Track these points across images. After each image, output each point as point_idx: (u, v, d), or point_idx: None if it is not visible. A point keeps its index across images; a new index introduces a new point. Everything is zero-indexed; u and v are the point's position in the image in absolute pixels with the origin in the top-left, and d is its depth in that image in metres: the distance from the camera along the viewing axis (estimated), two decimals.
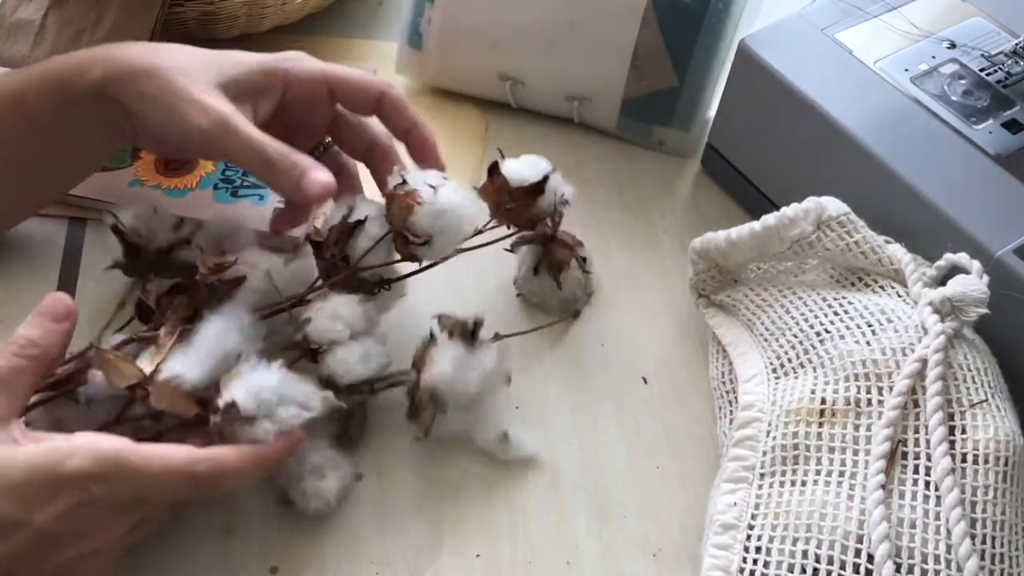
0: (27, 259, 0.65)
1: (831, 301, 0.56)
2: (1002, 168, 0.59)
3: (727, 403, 0.59)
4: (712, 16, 0.70)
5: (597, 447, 0.59)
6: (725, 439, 0.57)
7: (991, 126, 0.62)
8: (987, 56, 0.66)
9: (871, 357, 0.52)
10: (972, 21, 0.69)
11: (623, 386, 0.62)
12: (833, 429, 0.51)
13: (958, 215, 0.57)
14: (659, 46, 0.71)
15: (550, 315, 0.65)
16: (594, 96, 0.75)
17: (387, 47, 0.82)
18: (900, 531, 0.47)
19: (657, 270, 0.69)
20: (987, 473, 0.48)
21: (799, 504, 0.49)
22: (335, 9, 0.85)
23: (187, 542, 0.52)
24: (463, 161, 0.75)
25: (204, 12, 0.77)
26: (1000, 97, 0.64)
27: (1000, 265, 0.55)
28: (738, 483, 0.52)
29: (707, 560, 0.50)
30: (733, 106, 0.70)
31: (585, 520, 0.56)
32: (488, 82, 0.76)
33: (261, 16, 0.79)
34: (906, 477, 0.48)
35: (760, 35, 0.67)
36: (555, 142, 0.76)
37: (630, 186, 0.74)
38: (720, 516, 0.51)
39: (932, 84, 0.64)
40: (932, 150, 0.61)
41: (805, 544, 0.48)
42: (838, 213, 0.57)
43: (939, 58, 0.66)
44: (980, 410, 0.50)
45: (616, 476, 0.58)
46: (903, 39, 0.67)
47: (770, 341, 0.57)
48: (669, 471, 0.58)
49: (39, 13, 0.74)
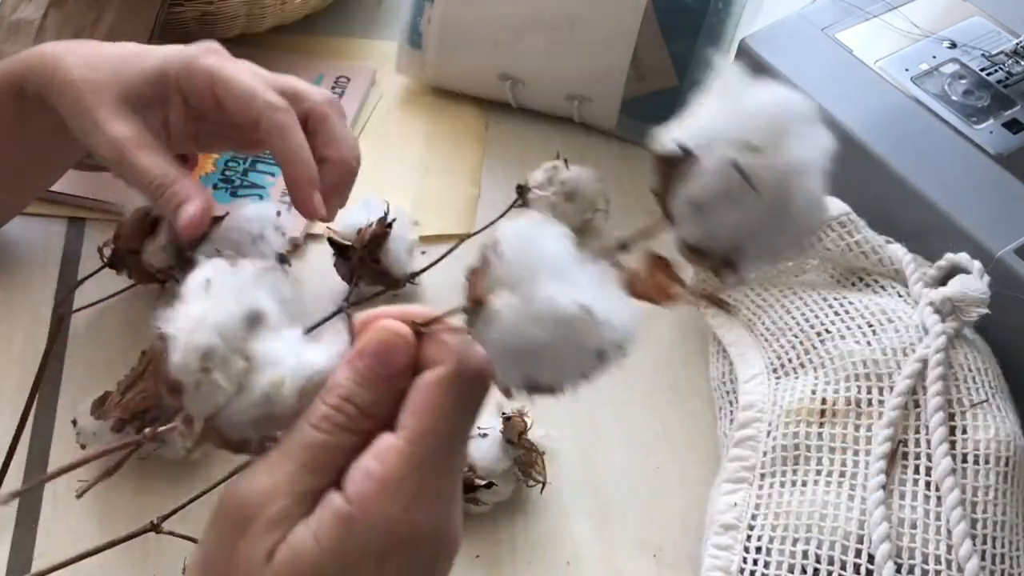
0: (27, 259, 0.64)
1: (832, 301, 0.56)
2: (1003, 168, 0.59)
3: (727, 403, 0.59)
4: (712, 16, 0.69)
5: (597, 447, 0.59)
6: (725, 439, 0.57)
7: (992, 126, 0.62)
8: (988, 56, 0.66)
9: (872, 357, 0.52)
10: (973, 21, 0.69)
11: (623, 386, 0.62)
12: (834, 429, 0.51)
13: (959, 215, 0.57)
14: (659, 46, 0.71)
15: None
16: (594, 96, 0.75)
17: (387, 47, 0.82)
18: (901, 531, 0.47)
19: None
20: (988, 473, 0.48)
21: (799, 504, 0.49)
22: (335, 9, 0.85)
23: None
24: (463, 161, 0.75)
25: (204, 12, 0.77)
26: (1001, 97, 0.64)
27: (1001, 265, 0.55)
28: (738, 483, 0.52)
29: (707, 560, 0.50)
30: None
31: (585, 520, 0.56)
32: (488, 82, 0.76)
33: (261, 16, 0.79)
34: (907, 477, 0.48)
35: (760, 35, 0.67)
36: (555, 142, 0.76)
37: (630, 186, 0.74)
38: (720, 516, 0.51)
39: (933, 84, 0.64)
40: (933, 150, 0.60)
41: (805, 544, 0.48)
42: (839, 213, 0.57)
43: (940, 58, 0.66)
44: (981, 410, 0.50)
45: (616, 476, 0.58)
46: (904, 39, 0.67)
47: (771, 341, 0.56)
48: (669, 471, 0.58)
49: (39, 12, 0.74)
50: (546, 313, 0.29)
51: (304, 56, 0.82)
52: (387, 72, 0.81)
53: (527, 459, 0.54)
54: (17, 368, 0.59)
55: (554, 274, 0.30)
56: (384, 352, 0.31)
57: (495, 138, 0.77)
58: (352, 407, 0.31)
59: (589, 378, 0.31)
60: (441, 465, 0.31)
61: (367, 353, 0.31)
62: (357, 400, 0.31)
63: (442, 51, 0.76)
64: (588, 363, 0.30)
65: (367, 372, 0.31)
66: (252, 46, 0.82)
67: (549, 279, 0.30)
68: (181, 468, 0.56)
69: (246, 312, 0.31)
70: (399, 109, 0.79)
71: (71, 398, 0.58)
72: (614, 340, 0.31)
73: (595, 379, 0.31)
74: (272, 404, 0.31)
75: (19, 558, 0.52)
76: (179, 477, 0.55)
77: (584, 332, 0.30)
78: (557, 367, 0.30)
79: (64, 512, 0.54)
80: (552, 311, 0.29)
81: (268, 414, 0.31)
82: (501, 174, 0.74)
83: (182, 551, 0.51)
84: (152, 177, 0.52)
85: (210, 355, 0.30)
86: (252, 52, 0.84)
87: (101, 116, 0.52)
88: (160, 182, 0.52)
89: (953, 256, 0.55)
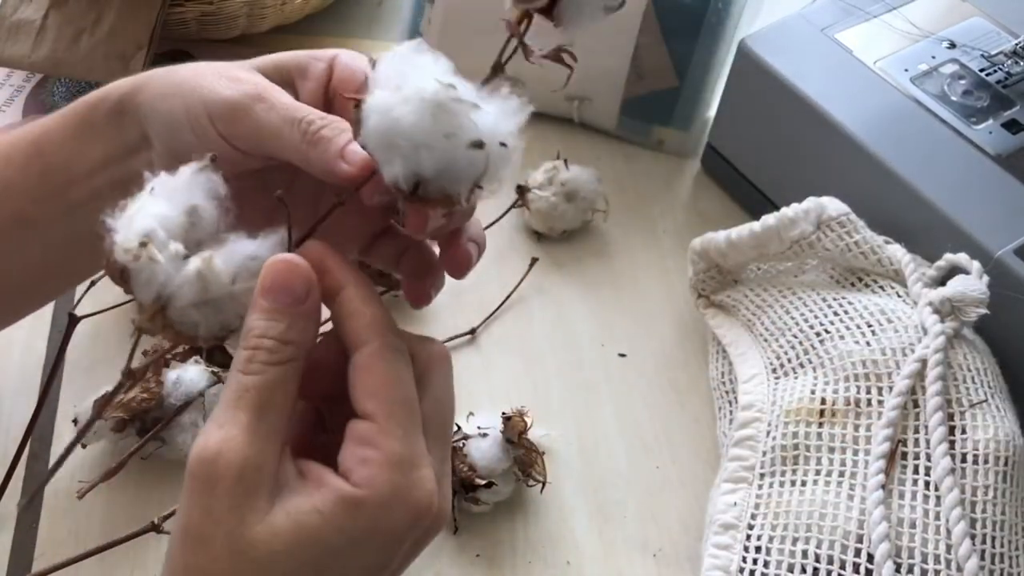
0: None
1: (831, 301, 0.56)
2: (1002, 168, 0.59)
3: (727, 403, 0.59)
4: (712, 16, 0.70)
5: (597, 447, 0.59)
6: (725, 439, 0.57)
7: (991, 126, 0.62)
8: (987, 56, 0.66)
9: (871, 357, 0.52)
10: (972, 21, 0.69)
11: (623, 386, 0.62)
12: (833, 429, 0.51)
13: (958, 215, 0.57)
14: (659, 46, 0.71)
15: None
16: (594, 96, 0.75)
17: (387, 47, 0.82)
18: (900, 531, 0.47)
19: (657, 270, 0.69)
20: (987, 473, 0.48)
21: (799, 504, 0.49)
22: (335, 9, 0.85)
23: None
24: None
25: (204, 12, 0.77)
26: (1000, 97, 0.64)
27: (1000, 265, 0.55)
28: (738, 483, 0.52)
29: (707, 560, 0.50)
30: (733, 106, 0.70)
31: (585, 520, 0.56)
32: None
33: (261, 16, 0.79)
34: (906, 477, 0.48)
35: (760, 35, 0.67)
36: (555, 142, 0.76)
37: (630, 186, 0.74)
38: (720, 516, 0.51)
39: (932, 84, 0.64)
40: (932, 150, 0.60)
41: (805, 544, 0.48)
42: (838, 213, 0.57)
43: (939, 58, 0.66)
44: (980, 410, 0.50)
45: (616, 476, 0.58)
46: (903, 39, 0.67)
47: (770, 341, 0.57)
48: (669, 471, 0.58)
49: (39, 13, 0.74)
50: (412, 93, 0.31)
51: None
52: None
53: (527, 459, 0.55)
54: (18, 368, 0.60)
55: (426, 74, 0.32)
56: (281, 284, 0.33)
57: None
58: (269, 340, 0.33)
59: (476, 179, 0.32)
60: (416, 430, 0.34)
61: (267, 290, 0.33)
62: (271, 332, 0.33)
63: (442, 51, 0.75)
64: (468, 156, 0.32)
65: (272, 306, 0.33)
66: (252, 46, 0.82)
67: (420, 78, 0.32)
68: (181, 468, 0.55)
69: (183, 205, 0.33)
70: None
71: (71, 398, 0.58)
72: (491, 130, 0.32)
73: (489, 187, 0.33)
74: (207, 283, 0.33)
75: (19, 558, 0.53)
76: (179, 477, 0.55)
77: (452, 111, 0.32)
78: (434, 155, 0.32)
79: (64, 512, 0.54)
80: (417, 91, 0.31)
81: (207, 298, 0.33)
82: None
83: None
84: (307, 111, 0.39)
85: (149, 235, 0.32)
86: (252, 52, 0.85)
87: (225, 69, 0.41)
88: (320, 119, 0.38)
89: (952, 256, 0.55)
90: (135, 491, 0.55)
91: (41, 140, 0.45)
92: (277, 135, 0.39)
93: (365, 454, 0.32)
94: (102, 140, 0.44)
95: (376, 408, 0.33)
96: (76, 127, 0.44)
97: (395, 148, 0.32)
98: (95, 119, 0.44)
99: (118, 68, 0.72)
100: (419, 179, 0.32)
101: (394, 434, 0.33)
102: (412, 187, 0.32)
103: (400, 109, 0.31)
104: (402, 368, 0.34)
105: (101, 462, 0.56)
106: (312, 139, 0.37)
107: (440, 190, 0.32)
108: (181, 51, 0.81)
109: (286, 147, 0.38)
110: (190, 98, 0.41)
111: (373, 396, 0.33)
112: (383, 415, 0.33)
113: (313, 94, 0.42)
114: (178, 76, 0.42)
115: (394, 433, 0.33)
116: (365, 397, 0.33)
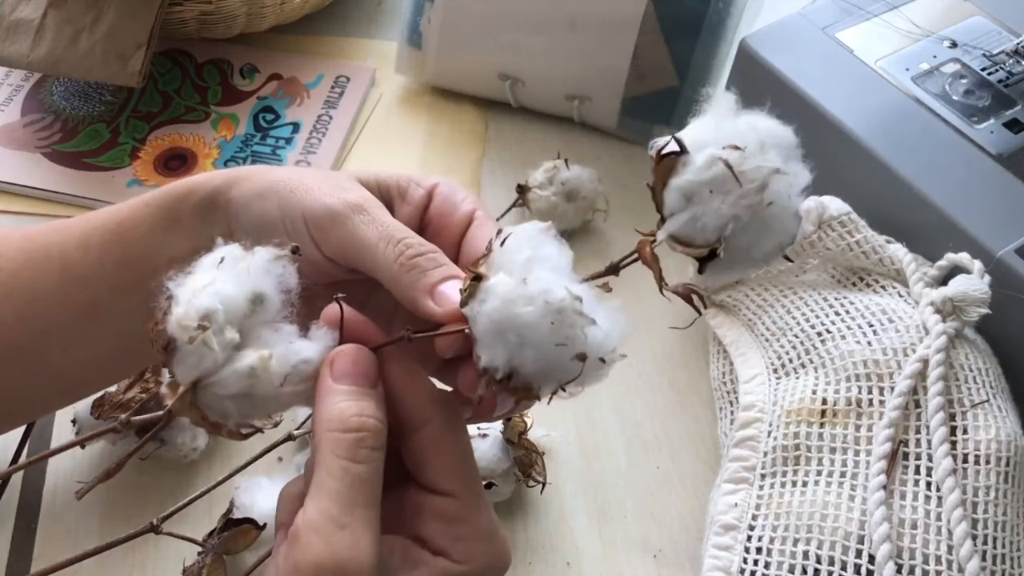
0: None
1: (832, 301, 0.56)
2: (1003, 168, 0.59)
3: (728, 403, 0.59)
4: (713, 15, 0.69)
5: (597, 447, 0.59)
6: (726, 439, 0.57)
7: (992, 125, 0.62)
8: (988, 55, 0.66)
9: (872, 357, 0.52)
10: (973, 20, 0.69)
11: (623, 387, 0.62)
12: (834, 429, 0.50)
13: (959, 215, 0.57)
14: (659, 46, 0.71)
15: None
16: (594, 95, 0.74)
17: (387, 47, 0.82)
18: (901, 532, 0.47)
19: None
20: (988, 474, 0.48)
21: (800, 505, 0.49)
22: (335, 8, 0.85)
23: None
24: (463, 161, 0.75)
25: (203, 11, 0.77)
26: (1001, 96, 0.64)
27: (1001, 265, 0.55)
28: (739, 483, 0.52)
29: (707, 560, 0.50)
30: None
31: (585, 520, 0.56)
32: (488, 81, 0.76)
33: (260, 15, 0.79)
34: (907, 478, 0.48)
35: (760, 35, 0.67)
36: (555, 142, 0.76)
37: (630, 186, 0.74)
38: (721, 516, 0.51)
39: (933, 83, 0.64)
40: (933, 150, 0.60)
41: (806, 545, 0.48)
42: (839, 213, 0.57)
43: (940, 57, 0.66)
44: (981, 410, 0.50)
45: (616, 476, 0.58)
46: (904, 38, 0.67)
47: (771, 341, 0.56)
48: (669, 471, 0.58)
49: (38, 12, 0.74)
50: (538, 294, 0.31)
51: (304, 56, 0.82)
52: (387, 72, 0.81)
53: (527, 459, 0.54)
54: None
55: (553, 269, 0.32)
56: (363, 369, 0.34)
57: (495, 138, 0.77)
58: (373, 420, 0.33)
59: (566, 384, 0.32)
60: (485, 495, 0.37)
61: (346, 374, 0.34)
62: (371, 412, 0.34)
63: (442, 51, 0.76)
64: (568, 364, 0.32)
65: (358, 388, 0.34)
66: (252, 46, 0.82)
67: (547, 271, 0.32)
68: (181, 468, 0.56)
69: (250, 292, 0.33)
70: (399, 109, 0.79)
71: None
72: (597, 345, 0.32)
73: (571, 390, 0.32)
74: (257, 380, 0.32)
75: (19, 558, 0.52)
76: (179, 477, 0.55)
77: (571, 322, 0.31)
78: (539, 356, 0.32)
79: (64, 512, 0.54)
80: (544, 293, 0.31)
81: (250, 393, 0.32)
82: (501, 174, 0.74)
83: (182, 551, 0.51)
84: (405, 234, 0.37)
85: (209, 317, 0.31)
86: (252, 52, 0.85)
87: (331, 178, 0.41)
88: (419, 246, 0.37)
89: (954, 256, 0.55)
90: (134, 491, 0.55)
91: (124, 228, 0.44)
92: (372, 250, 0.37)
93: (459, 531, 0.35)
94: (188, 234, 0.43)
95: (458, 487, 0.35)
96: (162, 219, 0.43)
97: (502, 337, 0.31)
98: (182, 212, 0.43)
99: (117, 67, 0.72)
100: (513, 372, 0.32)
101: (477, 506, 0.35)
102: (504, 377, 0.32)
103: (522, 306, 0.31)
104: (467, 441, 0.36)
105: (100, 462, 0.56)
106: (406, 263, 0.36)
107: (526, 384, 0.32)
108: (180, 50, 0.81)
109: (378, 264, 0.37)
110: (288, 200, 0.40)
111: (453, 475, 0.35)
112: (465, 492, 0.35)
113: (410, 218, 0.41)
114: (275, 175, 0.41)
115: (477, 506, 0.35)
116: (445, 476, 0.35)
